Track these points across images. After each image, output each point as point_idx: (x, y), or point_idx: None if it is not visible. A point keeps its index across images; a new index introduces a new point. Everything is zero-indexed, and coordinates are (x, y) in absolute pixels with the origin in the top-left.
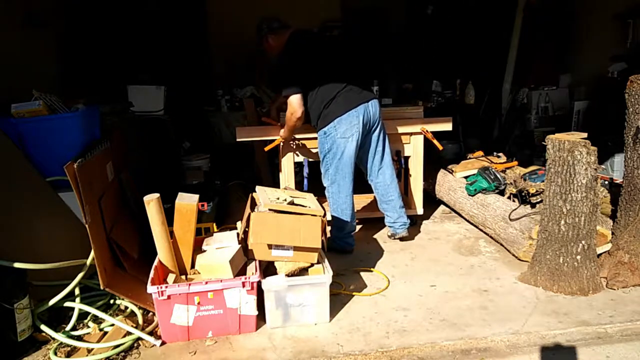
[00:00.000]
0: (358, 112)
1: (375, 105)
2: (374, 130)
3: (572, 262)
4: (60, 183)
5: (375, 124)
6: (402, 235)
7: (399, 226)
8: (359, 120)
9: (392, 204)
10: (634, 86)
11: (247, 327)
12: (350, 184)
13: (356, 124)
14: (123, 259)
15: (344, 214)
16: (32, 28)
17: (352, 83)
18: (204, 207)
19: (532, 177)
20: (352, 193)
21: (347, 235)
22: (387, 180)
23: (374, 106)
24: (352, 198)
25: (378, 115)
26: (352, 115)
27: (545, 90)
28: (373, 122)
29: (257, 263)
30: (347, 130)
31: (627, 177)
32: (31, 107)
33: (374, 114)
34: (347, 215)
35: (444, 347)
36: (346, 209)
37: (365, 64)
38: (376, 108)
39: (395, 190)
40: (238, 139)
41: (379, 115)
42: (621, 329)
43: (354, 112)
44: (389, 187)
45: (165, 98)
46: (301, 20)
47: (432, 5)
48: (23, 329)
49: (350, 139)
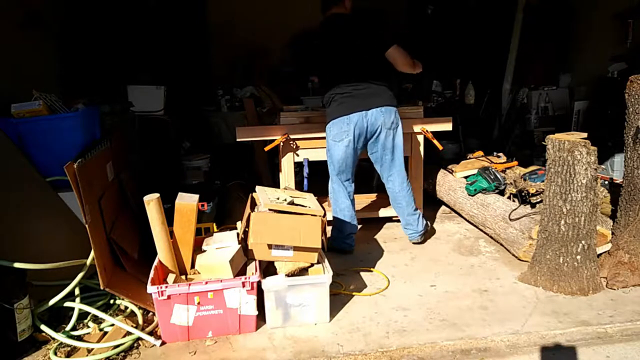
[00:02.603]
0: (350, 119)
1: (375, 114)
2: (377, 138)
3: (572, 262)
4: (60, 183)
5: (376, 133)
6: (415, 241)
7: (410, 233)
8: (349, 128)
9: (401, 210)
10: (634, 86)
11: (247, 327)
12: (346, 186)
13: (346, 130)
14: (123, 259)
15: (343, 214)
16: (32, 28)
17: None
18: (204, 207)
19: (532, 177)
20: (351, 195)
21: (347, 237)
22: (396, 188)
23: (374, 115)
24: (351, 200)
25: (380, 124)
26: (343, 121)
27: (545, 90)
28: (372, 130)
29: (257, 263)
30: (337, 134)
31: (627, 177)
32: (31, 107)
33: (373, 123)
34: (346, 217)
35: (444, 347)
36: (344, 209)
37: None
38: (377, 117)
39: (404, 198)
40: (238, 139)
41: (382, 124)
42: (621, 329)
43: (345, 119)
44: (398, 195)
45: (165, 98)
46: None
47: (432, 5)
48: (23, 329)
49: (340, 143)
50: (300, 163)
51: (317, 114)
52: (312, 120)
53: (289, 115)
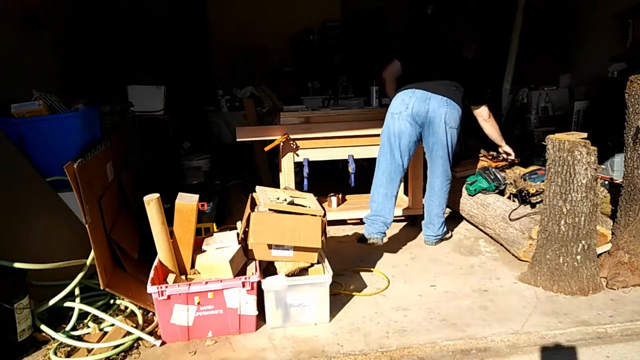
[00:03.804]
0: (415, 93)
1: (439, 101)
2: (435, 130)
3: (572, 262)
4: (60, 183)
5: (435, 122)
6: (428, 243)
7: (428, 233)
8: (411, 102)
9: (430, 207)
10: (634, 86)
11: (247, 327)
12: (386, 166)
13: (407, 103)
14: (123, 259)
15: (374, 193)
16: (32, 28)
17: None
18: (204, 207)
19: (532, 177)
20: (392, 176)
21: (374, 221)
22: (437, 185)
23: (437, 101)
24: (391, 180)
25: (442, 115)
26: (407, 93)
27: (545, 90)
28: (432, 117)
29: (257, 263)
30: (397, 106)
31: (627, 177)
32: (31, 107)
33: (434, 109)
34: (374, 195)
35: (444, 347)
36: (375, 188)
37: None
38: (441, 105)
39: (439, 197)
40: (238, 139)
41: (443, 115)
42: (621, 329)
43: (409, 92)
44: (436, 192)
45: (165, 98)
46: (301, 20)
47: (432, 5)
48: (23, 329)
49: (398, 116)
50: (300, 163)
51: (317, 114)
52: (312, 120)
53: (289, 115)
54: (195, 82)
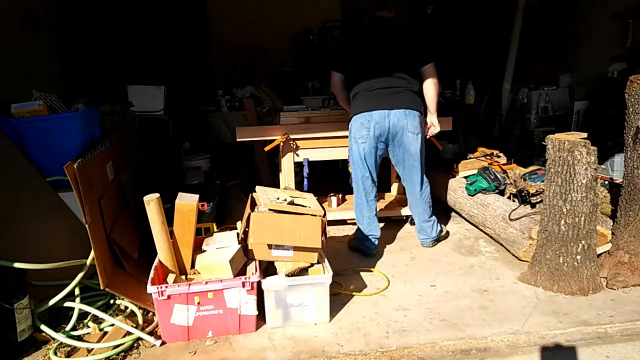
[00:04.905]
0: (373, 116)
1: (398, 115)
2: (400, 141)
3: (572, 262)
4: (60, 183)
5: (398, 135)
6: (426, 246)
7: (422, 238)
8: (370, 125)
9: (417, 215)
10: (634, 86)
11: (247, 327)
12: (363, 187)
13: (367, 127)
14: (123, 259)
15: (358, 215)
16: (32, 28)
17: (392, 81)
18: (204, 207)
19: (532, 177)
20: (369, 198)
21: (365, 238)
22: (416, 194)
23: (396, 116)
24: (368, 203)
25: (400, 127)
26: (365, 117)
27: (545, 90)
28: (394, 132)
29: (257, 263)
30: (357, 131)
31: (627, 177)
32: (31, 107)
33: (394, 125)
34: (362, 217)
35: (444, 347)
36: (360, 211)
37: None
38: (400, 119)
39: (422, 204)
40: (238, 139)
41: (401, 127)
42: (621, 329)
43: (366, 115)
44: (417, 200)
45: (165, 98)
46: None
47: (432, 5)
48: (23, 329)
49: (360, 140)
50: (300, 163)
51: (317, 114)
52: (312, 120)
53: (289, 115)
54: (195, 82)
